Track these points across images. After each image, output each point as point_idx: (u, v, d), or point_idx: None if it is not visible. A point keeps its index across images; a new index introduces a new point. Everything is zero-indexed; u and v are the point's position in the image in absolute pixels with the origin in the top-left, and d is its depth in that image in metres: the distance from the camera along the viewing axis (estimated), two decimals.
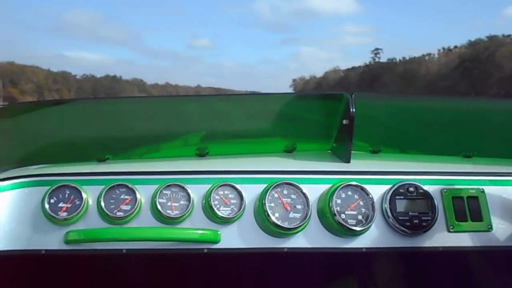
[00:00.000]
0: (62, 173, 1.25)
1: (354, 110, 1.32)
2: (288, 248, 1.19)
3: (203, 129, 1.49)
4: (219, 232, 1.19)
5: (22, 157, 1.39)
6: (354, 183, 1.22)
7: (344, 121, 1.36)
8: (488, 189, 1.28)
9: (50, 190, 1.19)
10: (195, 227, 1.20)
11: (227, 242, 1.19)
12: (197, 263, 1.27)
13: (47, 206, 1.17)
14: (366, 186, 1.23)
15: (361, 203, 1.22)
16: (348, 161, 1.39)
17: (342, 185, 1.21)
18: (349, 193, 1.23)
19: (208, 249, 1.18)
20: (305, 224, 1.19)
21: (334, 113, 1.41)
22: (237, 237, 1.20)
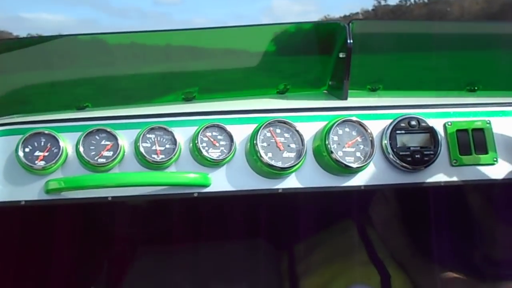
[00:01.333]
0: (35, 120, 1.16)
1: (351, 41, 1.21)
2: (282, 188, 1.13)
3: (190, 72, 1.39)
4: (209, 175, 1.12)
5: None
6: (351, 118, 1.14)
7: (341, 54, 1.26)
8: (494, 120, 1.20)
9: (23, 139, 1.10)
10: (184, 171, 1.12)
11: (218, 185, 1.12)
12: (187, 208, 1.22)
13: (21, 154, 1.09)
14: (364, 122, 1.14)
15: (359, 139, 1.14)
16: (345, 98, 1.30)
17: (339, 121, 1.13)
18: (347, 129, 1.14)
19: (198, 193, 1.11)
20: (300, 163, 1.11)
21: (329, 46, 1.30)
22: (228, 179, 1.13)
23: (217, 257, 1.46)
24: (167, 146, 1.13)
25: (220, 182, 1.12)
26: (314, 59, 1.41)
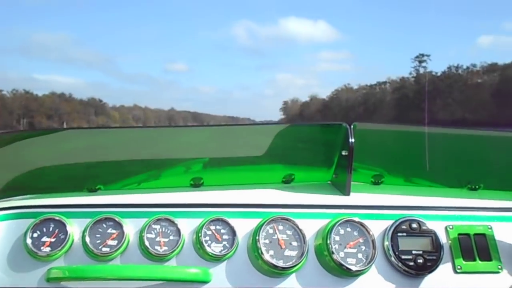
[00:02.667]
0: (48, 205, 1.20)
1: (353, 140, 1.27)
2: None
3: (198, 160, 1.45)
4: (210, 271, 1.12)
5: (8, 187, 1.34)
6: (354, 218, 1.15)
7: (343, 152, 1.31)
8: (496, 226, 1.21)
9: (33, 224, 1.13)
10: (184, 265, 1.13)
11: (218, 282, 1.12)
12: None
13: (29, 241, 1.12)
14: (366, 222, 1.16)
15: (361, 240, 1.15)
16: (348, 194, 1.33)
17: (341, 221, 1.14)
18: (348, 229, 1.16)
19: None
20: (301, 263, 1.11)
21: (333, 143, 1.36)
22: (229, 276, 1.13)
23: None
24: (171, 237, 1.15)
25: (220, 278, 1.12)
26: (319, 153, 1.46)
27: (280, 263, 1.10)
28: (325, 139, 1.40)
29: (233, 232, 1.16)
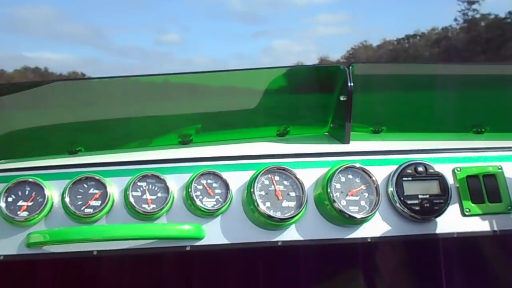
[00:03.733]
0: (21, 167, 1.10)
1: (352, 84, 1.17)
2: (282, 241, 1.05)
3: (186, 114, 1.34)
4: (203, 227, 1.04)
5: None
6: (355, 164, 1.07)
7: (342, 98, 1.21)
8: (506, 166, 1.13)
9: (6, 187, 1.04)
10: (175, 222, 1.05)
11: (212, 238, 1.04)
12: (179, 262, 1.13)
13: (3, 205, 1.02)
14: (368, 168, 1.08)
15: (364, 187, 1.07)
16: (348, 142, 1.24)
17: (341, 168, 1.06)
18: (350, 176, 1.08)
19: (191, 246, 1.03)
20: (300, 214, 1.04)
21: (330, 89, 1.26)
22: (224, 231, 1.05)
23: None
24: (159, 194, 1.07)
25: (215, 234, 1.04)
26: (315, 101, 1.36)
27: (278, 215, 1.02)
28: (322, 85, 1.30)
29: (226, 186, 1.07)
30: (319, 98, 1.36)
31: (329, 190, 1.03)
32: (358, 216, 1.03)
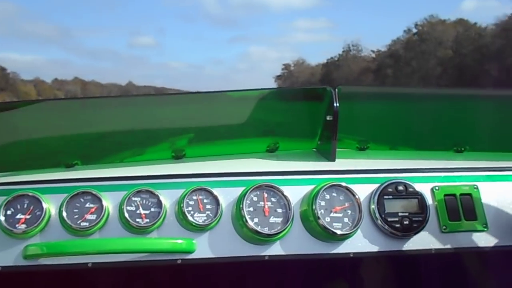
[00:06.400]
0: (20, 181, 1.14)
1: (338, 105, 1.23)
2: (269, 255, 1.10)
3: (179, 130, 1.40)
4: (194, 241, 1.09)
5: None
6: (339, 183, 1.13)
7: (328, 117, 1.27)
8: (482, 186, 1.20)
9: (6, 201, 1.08)
10: (167, 236, 1.10)
11: (202, 252, 1.09)
12: (170, 275, 1.18)
13: (2, 218, 1.07)
14: (352, 186, 1.14)
15: (347, 204, 1.13)
16: (333, 160, 1.30)
17: (326, 186, 1.12)
18: (334, 194, 1.14)
19: (182, 259, 1.08)
20: (287, 229, 1.09)
21: (317, 109, 1.32)
22: (213, 245, 1.10)
23: None
24: (152, 209, 1.12)
25: (205, 248, 1.10)
26: (303, 119, 1.43)
27: (265, 230, 1.07)
28: (309, 104, 1.36)
29: (216, 202, 1.13)
30: (307, 116, 1.42)
31: (314, 207, 1.09)
32: (341, 232, 1.08)
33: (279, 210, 1.11)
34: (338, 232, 1.08)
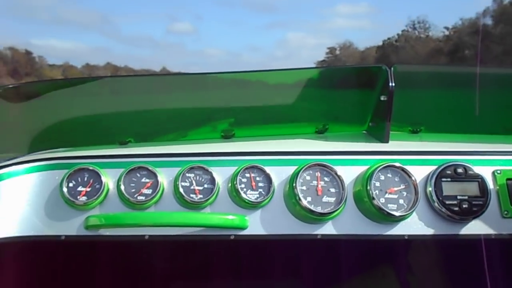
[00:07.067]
0: (81, 155, 1.19)
1: (393, 84, 1.19)
2: (321, 234, 1.09)
3: (229, 110, 1.40)
4: (246, 218, 1.10)
5: (40, 140, 1.34)
6: (395, 164, 1.10)
7: (382, 97, 1.24)
8: None
9: (68, 174, 1.13)
10: (221, 212, 1.11)
11: (255, 228, 1.10)
12: (223, 249, 1.20)
13: (65, 190, 1.12)
14: (408, 168, 1.10)
15: (403, 186, 1.10)
16: (387, 141, 1.27)
17: (381, 166, 1.09)
18: (389, 175, 1.11)
19: (235, 235, 1.09)
20: (340, 209, 1.08)
21: (371, 89, 1.28)
22: (266, 223, 1.11)
23: None
24: (206, 186, 1.13)
25: (257, 225, 1.10)
26: (354, 100, 1.39)
27: (318, 209, 1.07)
28: (362, 84, 1.32)
29: (269, 180, 1.13)
30: (358, 97, 1.38)
31: (368, 188, 1.07)
32: (397, 213, 1.06)
33: (332, 190, 1.10)
34: (393, 213, 1.06)
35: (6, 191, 1.14)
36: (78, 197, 1.12)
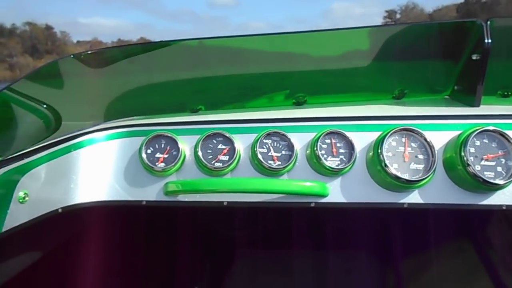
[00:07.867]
0: (157, 122, 1.19)
1: (490, 41, 1.07)
2: (408, 203, 1.03)
3: (301, 74, 1.34)
4: (327, 185, 1.06)
5: (115, 109, 1.36)
6: (491, 128, 1.00)
7: (474, 56, 1.12)
8: None
9: (146, 140, 1.14)
10: (300, 179, 1.08)
11: (336, 196, 1.06)
12: (303, 217, 1.17)
13: (144, 156, 1.13)
14: (507, 132, 1.00)
15: (501, 152, 1.00)
16: (478, 105, 1.16)
17: (477, 131, 1.00)
18: (485, 140, 1.01)
19: (316, 203, 1.06)
20: (429, 177, 1.01)
21: (456, 47, 1.17)
22: (347, 190, 1.06)
23: (317, 266, 1.40)
24: (283, 152, 1.10)
25: (338, 192, 1.06)
26: (436, 62, 1.28)
27: (406, 176, 1.00)
28: (448, 43, 1.21)
29: (350, 146, 1.07)
30: (441, 60, 1.27)
31: (462, 154, 0.99)
32: (494, 182, 0.97)
33: (421, 157, 1.03)
34: (491, 181, 0.97)
35: (88, 157, 1.17)
36: (157, 163, 1.13)
